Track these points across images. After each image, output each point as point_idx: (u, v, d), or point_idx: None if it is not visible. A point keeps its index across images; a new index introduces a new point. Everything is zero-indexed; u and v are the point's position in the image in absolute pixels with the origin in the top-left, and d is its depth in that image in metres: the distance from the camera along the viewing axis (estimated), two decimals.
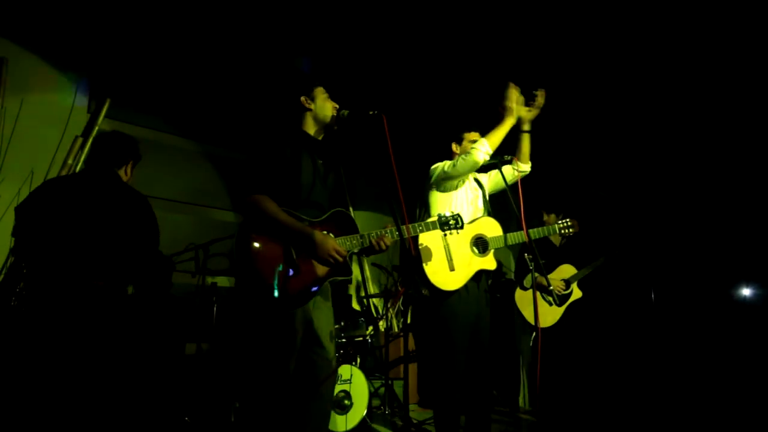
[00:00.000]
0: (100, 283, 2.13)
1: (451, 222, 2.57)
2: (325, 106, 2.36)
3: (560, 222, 3.23)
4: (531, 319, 3.74)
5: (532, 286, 3.77)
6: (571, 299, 3.80)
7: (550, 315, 3.72)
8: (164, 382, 3.75)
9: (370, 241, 2.24)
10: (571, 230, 3.23)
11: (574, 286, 3.85)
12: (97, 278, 2.15)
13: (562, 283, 3.79)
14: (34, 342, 2.10)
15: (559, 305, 3.74)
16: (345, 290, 5.10)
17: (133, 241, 2.31)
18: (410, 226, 2.47)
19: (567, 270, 3.90)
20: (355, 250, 2.26)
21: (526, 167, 3.10)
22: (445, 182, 3.00)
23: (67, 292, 2.12)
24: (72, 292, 2.12)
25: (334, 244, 2.12)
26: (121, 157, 2.45)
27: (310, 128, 2.37)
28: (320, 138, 2.42)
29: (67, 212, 2.22)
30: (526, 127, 3.04)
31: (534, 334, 3.99)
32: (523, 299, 3.80)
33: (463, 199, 3.03)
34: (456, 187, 3.01)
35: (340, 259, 2.12)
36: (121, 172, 2.47)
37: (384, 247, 2.24)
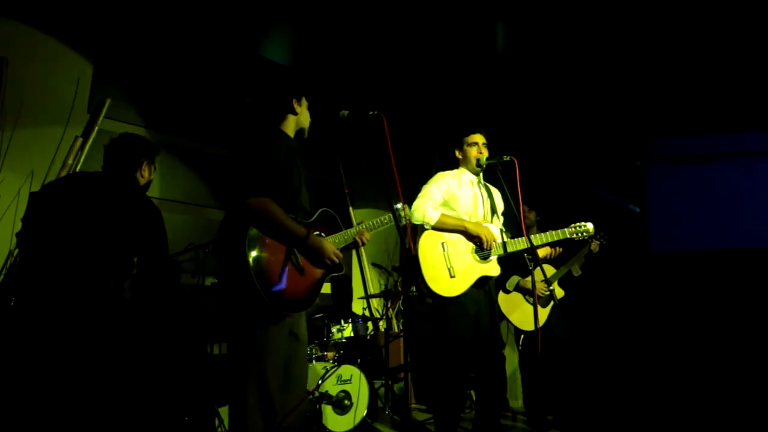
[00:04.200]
0: (102, 283, 2.13)
1: None
2: (307, 116, 2.41)
3: (574, 226, 2.97)
4: (517, 323, 3.70)
5: (515, 289, 3.73)
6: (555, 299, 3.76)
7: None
8: (165, 382, 3.75)
9: (354, 237, 2.34)
10: (585, 234, 2.95)
11: (555, 285, 3.80)
12: (98, 279, 2.15)
13: (544, 284, 3.66)
14: (33, 342, 2.10)
15: (544, 306, 3.68)
16: (347, 290, 5.10)
17: (138, 246, 2.32)
18: (376, 220, 2.45)
19: (546, 269, 3.76)
20: (342, 246, 2.31)
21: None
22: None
23: (65, 290, 2.12)
24: (70, 290, 2.12)
25: (332, 247, 2.19)
26: (134, 160, 2.50)
27: (290, 131, 2.36)
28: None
29: (77, 209, 2.24)
30: None
31: (522, 336, 3.96)
32: (507, 303, 3.70)
33: (468, 201, 3.01)
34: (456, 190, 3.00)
35: (337, 261, 2.20)
36: (139, 175, 2.51)
37: (365, 241, 2.36)
